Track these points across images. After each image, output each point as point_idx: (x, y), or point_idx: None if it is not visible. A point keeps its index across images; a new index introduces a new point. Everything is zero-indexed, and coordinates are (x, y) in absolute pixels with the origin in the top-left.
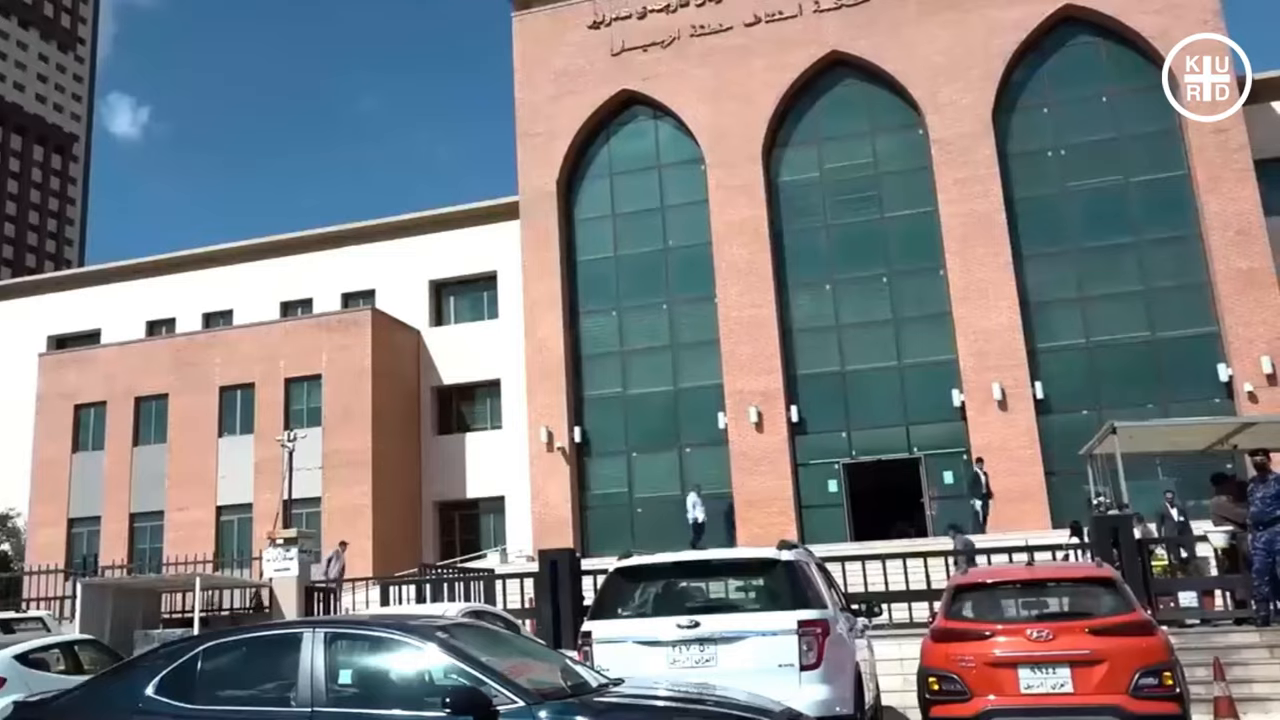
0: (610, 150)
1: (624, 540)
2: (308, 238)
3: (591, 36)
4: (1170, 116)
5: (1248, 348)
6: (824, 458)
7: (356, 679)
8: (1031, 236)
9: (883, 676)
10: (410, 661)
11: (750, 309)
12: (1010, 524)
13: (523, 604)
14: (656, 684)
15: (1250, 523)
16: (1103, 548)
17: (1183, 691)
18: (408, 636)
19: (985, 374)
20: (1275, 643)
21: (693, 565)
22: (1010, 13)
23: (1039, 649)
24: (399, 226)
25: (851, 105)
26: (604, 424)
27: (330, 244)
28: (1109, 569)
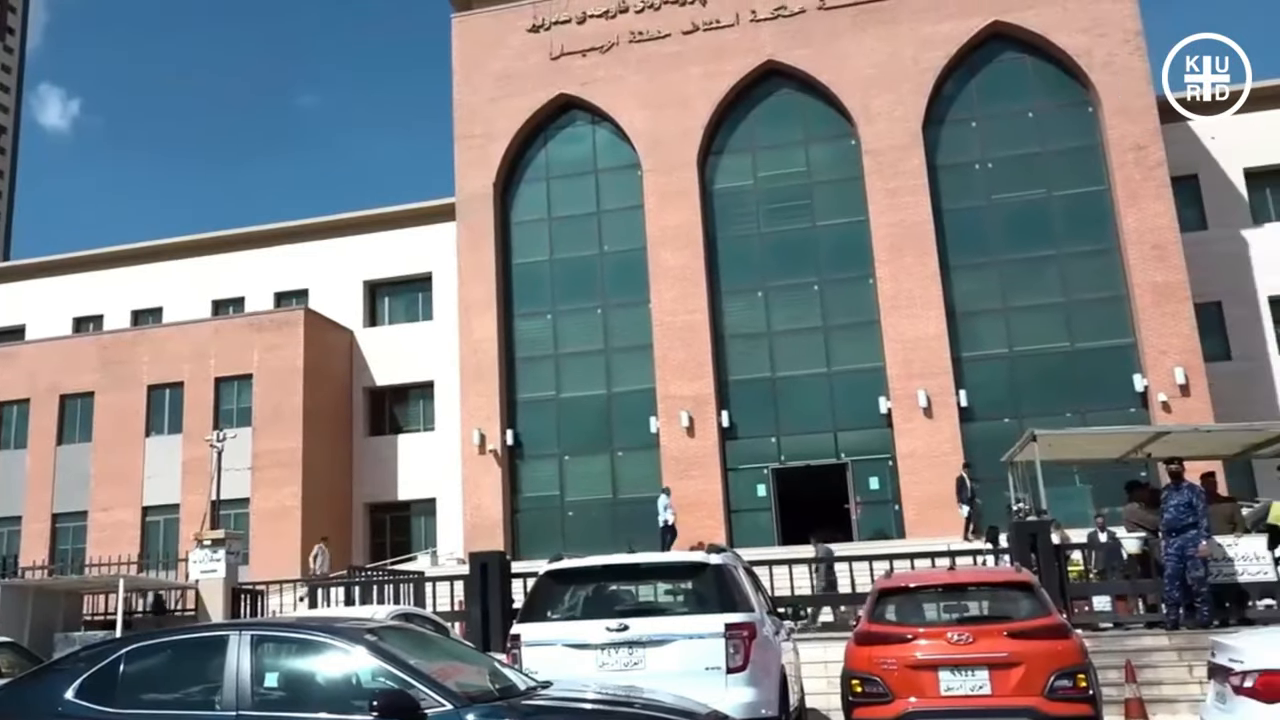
0: (548, 153)
1: (555, 543)
2: (241, 235)
3: (531, 40)
4: (1093, 133)
5: (1162, 359)
6: (753, 462)
7: (283, 682)
8: (958, 247)
9: (808, 679)
10: (337, 664)
11: (684, 314)
12: (933, 529)
13: (452, 606)
14: (585, 687)
15: (1162, 529)
16: (1021, 553)
17: (1095, 693)
18: (335, 639)
19: (911, 382)
20: (1184, 646)
21: (622, 569)
22: (941, 28)
23: (959, 652)
24: (334, 226)
25: (786, 114)
26: (537, 427)
27: (264, 242)
28: (1027, 574)
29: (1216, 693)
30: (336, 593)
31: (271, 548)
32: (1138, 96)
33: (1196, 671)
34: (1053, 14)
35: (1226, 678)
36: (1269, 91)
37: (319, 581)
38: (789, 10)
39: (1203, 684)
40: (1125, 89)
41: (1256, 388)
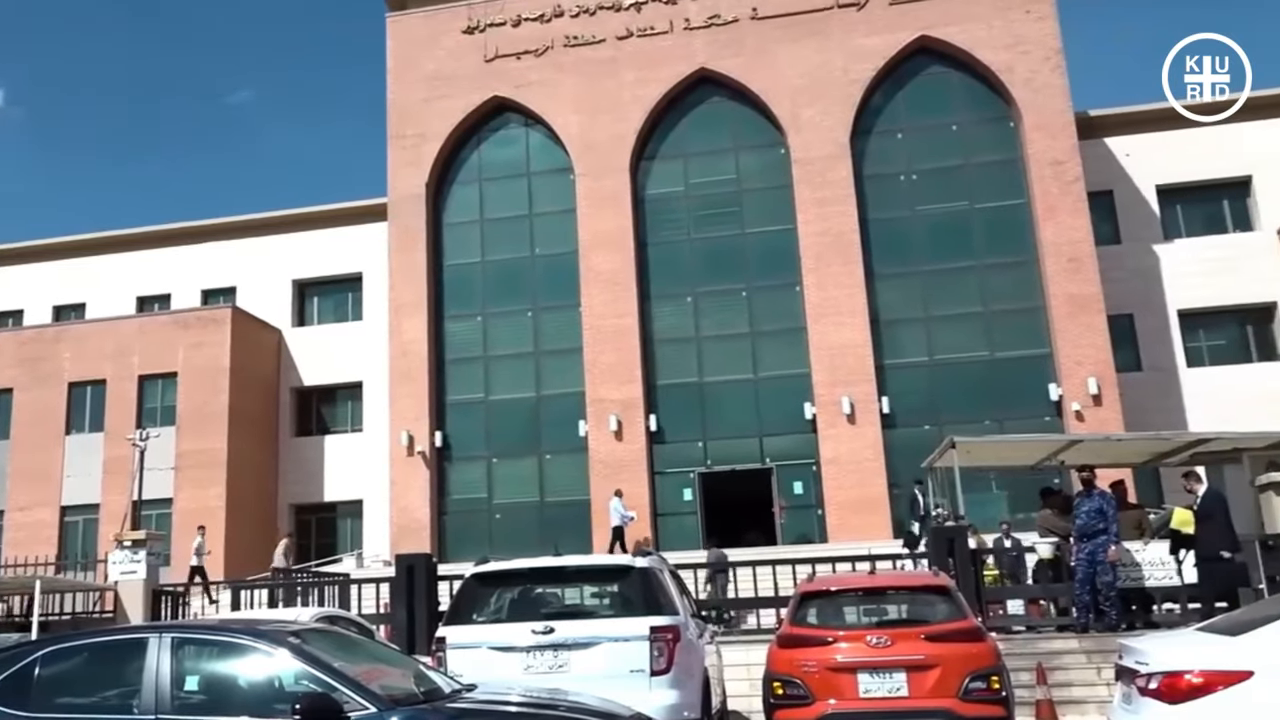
0: (481, 156)
1: (482, 546)
2: (168, 231)
3: (465, 41)
4: (1013, 147)
5: (1076, 369)
6: (680, 466)
7: (204, 685)
8: (883, 256)
9: (730, 681)
10: (260, 667)
11: (614, 318)
12: (854, 533)
13: (378, 609)
14: (509, 689)
15: (1074, 535)
16: (939, 557)
17: (1008, 695)
18: (258, 641)
19: (836, 388)
20: (1093, 649)
21: (548, 571)
22: (870, 41)
23: (877, 654)
24: (264, 224)
25: (717, 122)
26: (465, 429)
27: (191, 239)
28: (945, 578)
29: (1123, 694)
30: (260, 595)
31: None
32: (1057, 113)
33: (1104, 673)
34: (977, 31)
35: (1133, 679)
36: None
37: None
38: (722, 19)
39: (1110, 686)
40: (1045, 105)
41: (1165, 398)
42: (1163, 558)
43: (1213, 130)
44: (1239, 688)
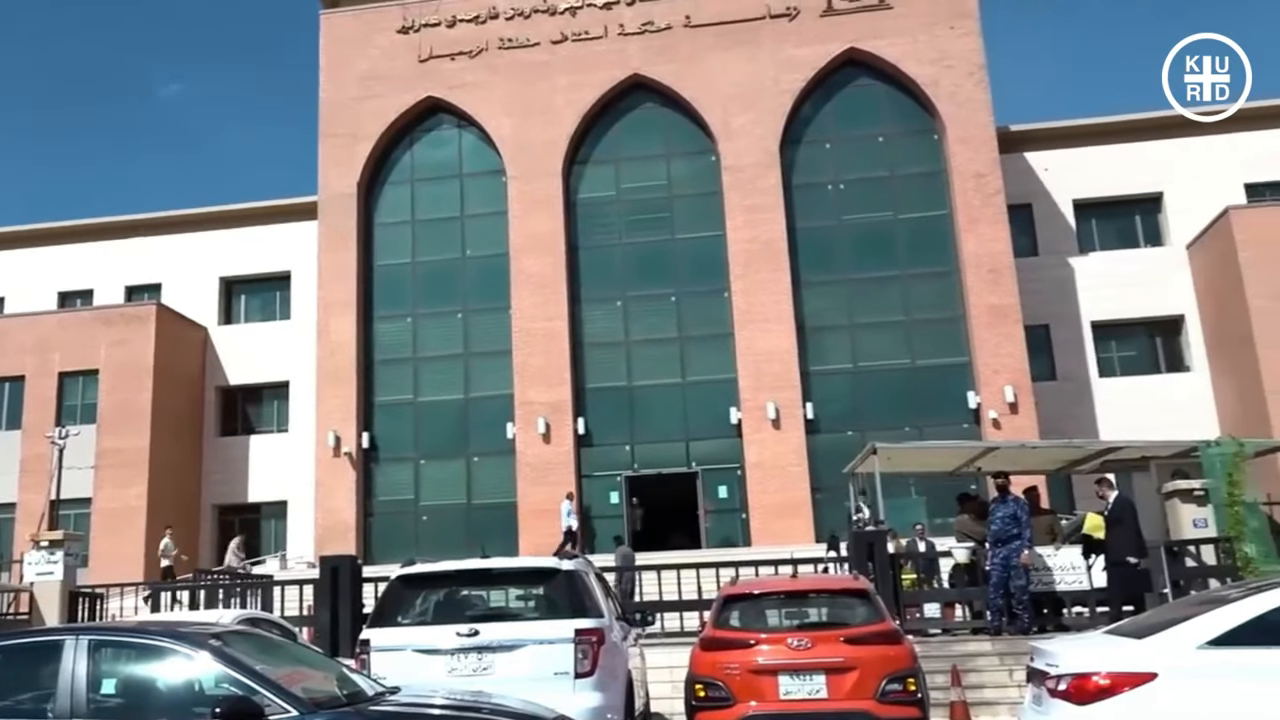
0: (413, 156)
1: (408, 548)
2: (91, 226)
3: (399, 41)
4: (937, 159)
5: (994, 378)
6: (607, 470)
7: (121, 688)
8: (809, 264)
9: (653, 684)
10: (180, 670)
11: (543, 321)
12: (777, 537)
13: (301, 611)
14: (433, 692)
15: (989, 540)
16: (859, 561)
17: (924, 697)
18: (177, 644)
19: (762, 394)
20: (1005, 651)
21: (475, 574)
22: (800, 51)
23: (798, 657)
24: (191, 220)
25: (650, 128)
26: (393, 430)
27: (116, 234)
28: (864, 581)
29: (1034, 695)
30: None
31: (114, 550)
32: (979, 127)
33: (1016, 675)
34: (904, 45)
35: (1043, 681)
36: (1097, 128)
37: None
38: (656, 26)
39: (1021, 687)
40: (968, 119)
41: (1078, 407)
42: (1074, 562)
43: (1127, 147)
44: (1144, 689)
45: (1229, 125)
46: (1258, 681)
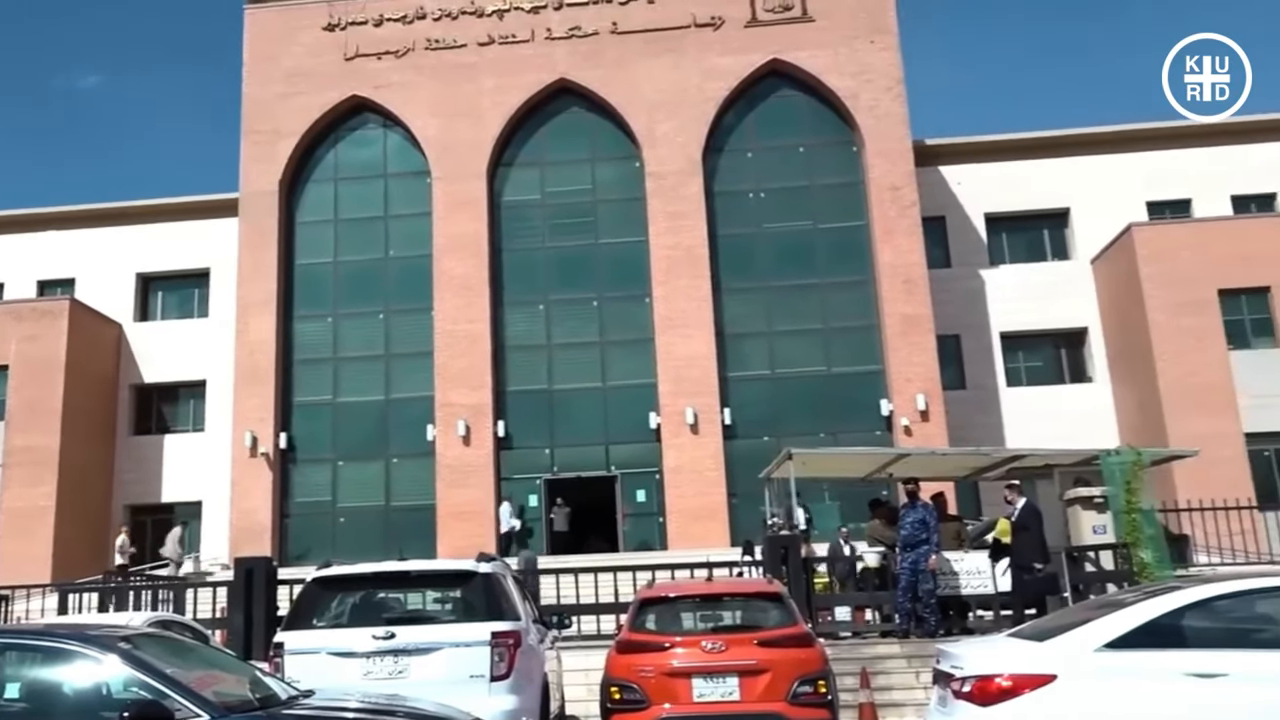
0: (337, 155)
1: (325, 550)
2: (2, 218)
3: (325, 38)
4: (855, 171)
5: (906, 385)
6: (527, 473)
7: (25, 693)
8: (730, 271)
9: (569, 686)
10: (87, 673)
11: (466, 323)
12: (694, 541)
13: (214, 614)
14: (348, 695)
15: (898, 545)
16: (773, 565)
17: (834, 698)
18: (85, 647)
19: (681, 399)
20: (913, 654)
21: (392, 576)
22: (724, 60)
23: (711, 659)
24: (107, 214)
25: (575, 132)
26: (312, 431)
27: (28, 227)
28: (778, 585)
29: (939, 697)
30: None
31: (20, 550)
32: (896, 141)
33: (923, 677)
34: (825, 58)
35: (948, 683)
36: (1008, 144)
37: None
38: (583, 31)
39: (927, 689)
40: (886, 133)
41: (986, 415)
42: (979, 567)
43: (1037, 163)
44: (1044, 690)
45: (1132, 144)
46: (1151, 683)
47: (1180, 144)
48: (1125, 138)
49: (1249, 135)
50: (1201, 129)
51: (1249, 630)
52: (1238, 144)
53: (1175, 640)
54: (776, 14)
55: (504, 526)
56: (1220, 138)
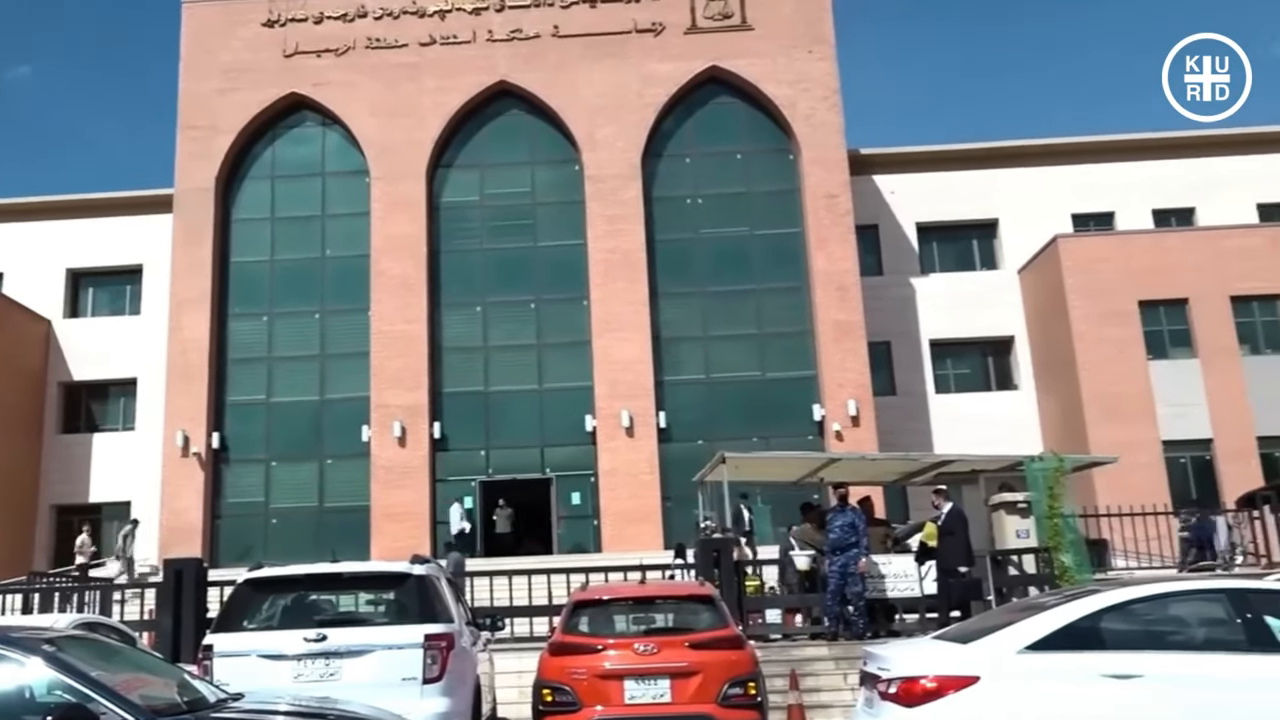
0: (275, 152)
1: (257, 551)
2: None
3: (264, 34)
4: (791, 178)
5: (838, 391)
6: (462, 474)
7: None
8: (667, 276)
9: (501, 689)
10: (9, 676)
11: (403, 324)
12: (628, 544)
13: (143, 616)
14: (278, 699)
15: (827, 548)
16: (706, 568)
17: (763, 700)
18: (8, 649)
19: (616, 402)
20: (841, 656)
21: (324, 578)
22: (664, 66)
23: (643, 662)
24: (37, 208)
25: (515, 135)
26: (245, 431)
27: None
28: (710, 588)
29: (866, 698)
30: (13, 600)
31: None
32: (832, 149)
33: (850, 679)
34: (764, 66)
35: (875, 684)
36: (940, 155)
37: None
38: (524, 34)
39: (855, 690)
40: (821, 141)
41: (915, 421)
42: (907, 570)
43: (967, 174)
44: (967, 691)
45: (1058, 158)
46: (1070, 684)
47: (1104, 158)
48: (1051, 151)
49: (1169, 151)
50: (1124, 144)
51: (1163, 633)
52: (1158, 159)
53: (1093, 642)
54: (716, 21)
55: (455, 528)
56: (1142, 152)
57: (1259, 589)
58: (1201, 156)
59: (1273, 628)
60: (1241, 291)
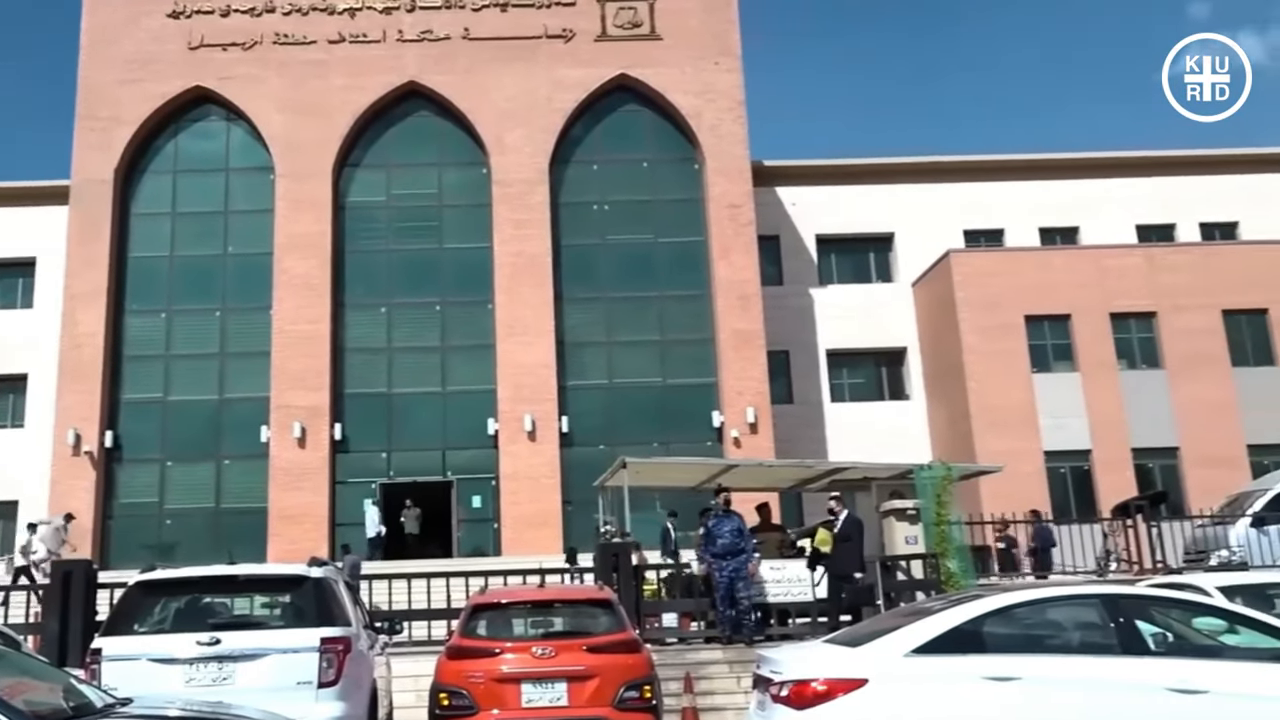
0: (177, 146)
1: (151, 553)
2: None
3: (169, 26)
4: (695, 187)
5: (737, 399)
6: (362, 476)
7: None
8: (572, 281)
9: (399, 693)
10: None
11: (305, 324)
12: (528, 548)
13: (28, 619)
14: (169, 703)
15: (718, 553)
16: (605, 572)
17: (658, 703)
18: None
19: (520, 406)
20: (735, 659)
21: (219, 580)
22: (574, 72)
23: (541, 665)
24: None
25: (423, 136)
26: (140, 430)
27: None
28: (608, 591)
29: (758, 701)
30: None
31: None
32: (736, 160)
33: (744, 682)
34: (671, 76)
35: (767, 688)
36: (840, 169)
37: None
38: (435, 34)
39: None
40: (726, 152)
41: (811, 429)
42: (799, 575)
43: (866, 189)
44: (856, 694)
45: (951, 175)
46: (953, 686)
47: (995, 177)
48: (945, 169)
49: (1055, 172)
50: (1014, 164)
51: (1041, 636)
52: (1046, 179)
53: (976, 646)
54: (626, 30)
55: (371, 530)
56: (1030, 172)
57: (1131, 595)
58: (1085, 178)
59: (1143, 632)
60: (1120, 308)
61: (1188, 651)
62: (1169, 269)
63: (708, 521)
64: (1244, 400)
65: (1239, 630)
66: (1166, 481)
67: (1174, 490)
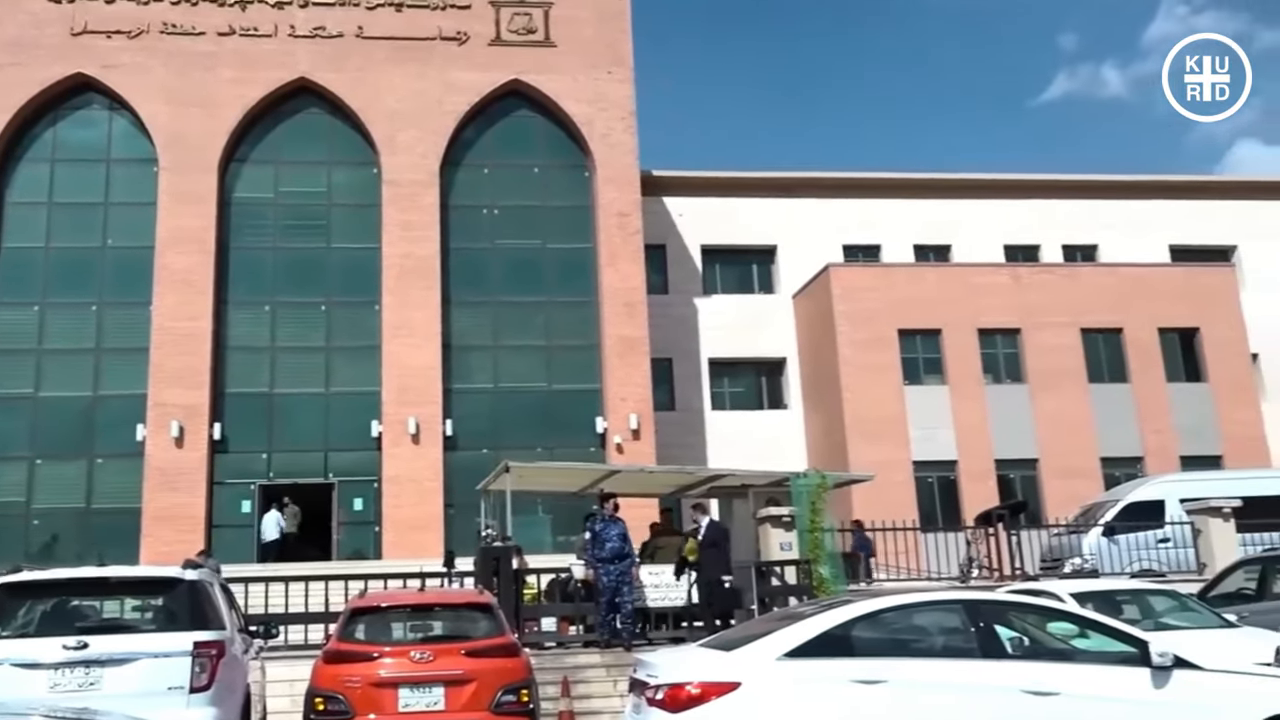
0: (56, 134)
1: (16, 554)
2: None
3: (51, 10)
4: (585, 194)
5: (621, 405)
6: (241, 477)
7: None
8: (460, 284)
9: (273, 698)
10: None
11: (186, 320)
12: (410, 551)
13: None
14: (30, 710)
15: (604, 557)
16: (485, 576)
17: (535, 707)
18: None
19: (404, 408)
20: (612, 663)
21: (89, 582)
22: (467, 75)
23: (419, 669)
24: None
25: (313, 134)
26: (7, 426)
27: None
28: (488, 595)
29: (634, 705)
30: None
31: None
32: (625, 169)
33: (620, 686)
34: (564, 83)
35: (642, 691)
36: (726, 181)
37: None
38: (328, 32)
39: (624, 697)
40: (616, 161)
41: (692, 436)
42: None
43: (750, 202)
44: (729, 697)
45: (831, 191)
46: (825, 688)
47: (873, 194)
48: (827, 184)
49: (929, 191)
50: (890, 182)
51: (907, 640)
52: (920, 198)
53: (845, 650)
54: (520, 35)
55: (268, 535)
56: (906, 191)
57: (991, 600)
58: (959, 198)
59: (1002, 636)
60: (987, 325)
61: (1042, 655)
62: (1033, 288)
63: (594, 525)
64: (1099, 415)
65: (1089, 635)
66: (1026, 491)
67: (1033, 500)
